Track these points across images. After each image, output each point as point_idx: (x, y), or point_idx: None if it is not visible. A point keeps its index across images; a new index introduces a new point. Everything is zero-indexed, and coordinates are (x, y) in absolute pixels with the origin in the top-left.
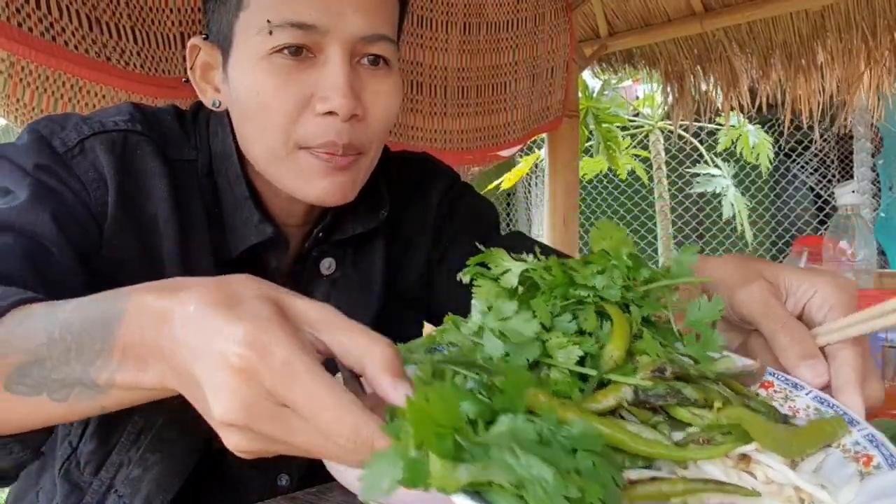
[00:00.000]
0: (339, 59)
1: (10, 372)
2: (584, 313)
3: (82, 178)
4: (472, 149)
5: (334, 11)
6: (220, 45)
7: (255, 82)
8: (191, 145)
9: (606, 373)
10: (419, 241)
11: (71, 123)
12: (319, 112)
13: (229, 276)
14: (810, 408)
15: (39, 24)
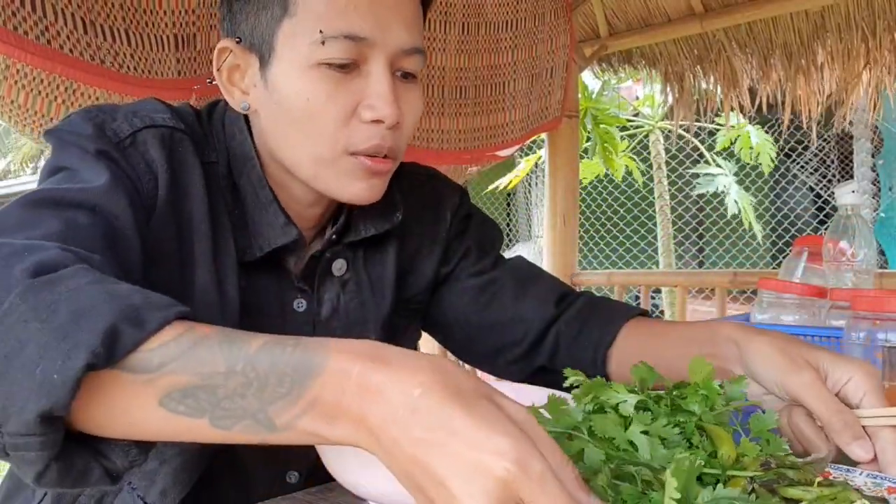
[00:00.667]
0: (383, 70)
1: (170, 390)
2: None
3: (136, 167)
4: (469, 148)
5: (383, 24)
6: (257, 49)
7: (305, 90)
8: (210, 147)
9: (726, 470)
10: (429, 250)
11: (121, 114)
12: (366, 119)
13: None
14: (867, 484)
15: (35, 28)
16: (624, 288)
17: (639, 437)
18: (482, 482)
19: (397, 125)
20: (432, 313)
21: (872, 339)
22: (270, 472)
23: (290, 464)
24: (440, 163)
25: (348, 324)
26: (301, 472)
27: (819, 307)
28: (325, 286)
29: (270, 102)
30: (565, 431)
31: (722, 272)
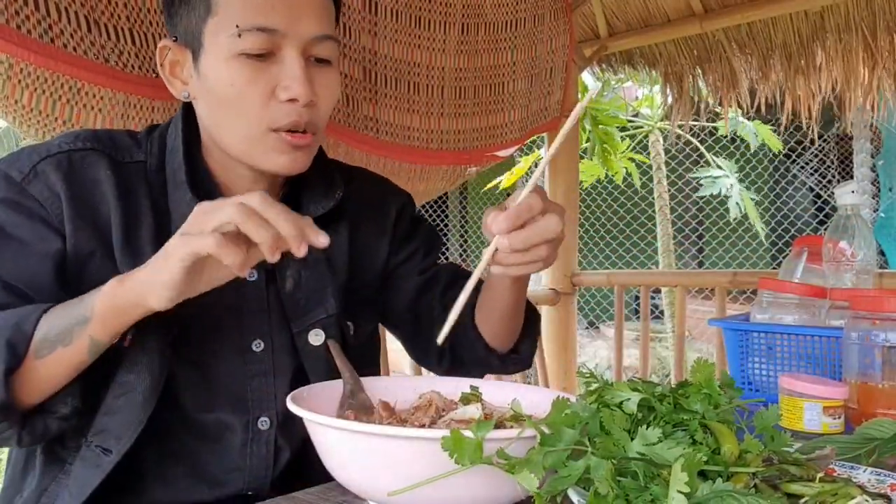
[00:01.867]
0: (296, 56)
1: (36, 345)
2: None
3: (38, 197)
4: (468, 149)
5: (293, 17)
6: (189, 45)
7: (229, 77)
8: (141, 150)
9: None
10: (377, 240)
11: (23, 155)
12: (283, 99)
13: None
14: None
15: (38, 26)
16: (624, 288)
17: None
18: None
19: (311, 103)
20: (385, 304)
21: (872, 338)
22: (241, 421)
23: (258, 411)
24: (440, 163)
25: (309, 293)
26: (271, 418)
27: (819, 307)
28: (284, 264)
29: (203, 90)
30: (568, 448)
31: (722, 272)
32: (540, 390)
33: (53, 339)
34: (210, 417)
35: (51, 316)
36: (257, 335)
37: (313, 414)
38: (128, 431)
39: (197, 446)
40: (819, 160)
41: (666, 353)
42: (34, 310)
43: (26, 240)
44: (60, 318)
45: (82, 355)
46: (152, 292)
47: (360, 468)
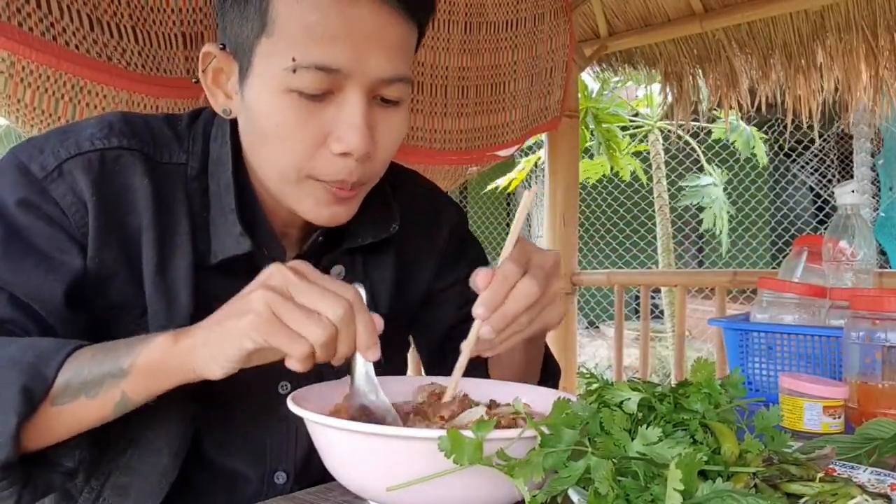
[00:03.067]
0: (358, 100)
1: (56, 393)
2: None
3: (60, 203)
4: (470, 149)
5: (361, 53)
6: (237, 57)
7: (275, 112)
8: (182, 149)
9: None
10: (425, 261)
11: (49, 146)
12: (335, 151)
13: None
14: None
15: (40, 24)
16: (624, 288)
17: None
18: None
19: (367, 156)
20: (418, 326)
21: (872, 338)
22: (257, 472)
23: (276, 463)
24: (441, 163)
25: None
26: (288, 472)
27: (819, 307)
28: None
29: (245, 116)
30: (568, 449)
31: (722, 272)
32: (541, 390)
33: (77, 388)
34: (226, 462)
35: (79, 359)
36: (284, 376)
37: (313, 414)
38: (147, 500)
39: (210, 489)
40: (819, 159)
41: (666, 353)
42: (57, 348)
43: (43, 249)
44: (90, 363)
45: (106, 411)
46: (206, 366)
47: (361, 468)
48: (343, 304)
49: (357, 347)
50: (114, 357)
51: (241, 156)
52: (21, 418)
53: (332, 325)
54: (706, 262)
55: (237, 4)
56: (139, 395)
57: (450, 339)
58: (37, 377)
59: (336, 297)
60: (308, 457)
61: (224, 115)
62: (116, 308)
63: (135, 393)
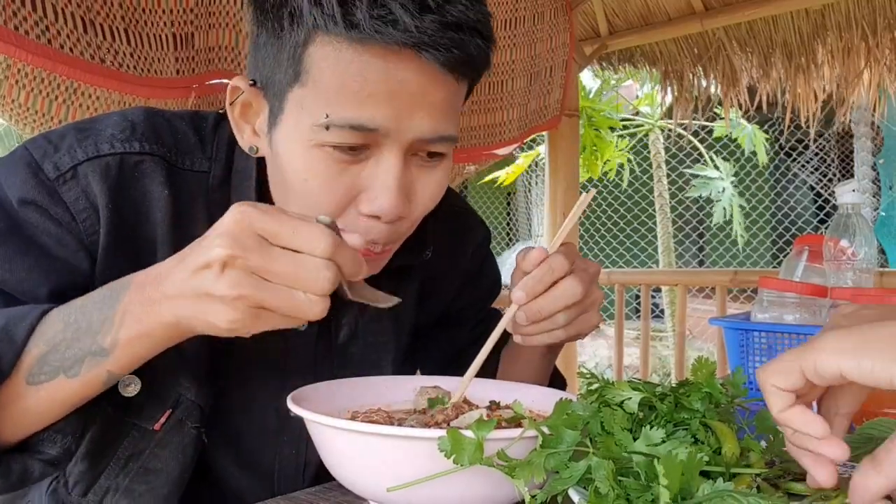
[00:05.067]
0: (395, 161)
1: (31, 367)
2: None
3: (72, 207)
4: (466, 147)
5: (402, 114)
6: (268, 97)
7: (304, 168)
8: (205, 156)
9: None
10: (450, 279)
11: (65, 144)
12: (365, 212)
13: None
14: None
15: (35, 28)
16: (624, 287)
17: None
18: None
19: (399, 218)
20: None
21: None
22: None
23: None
24: None
25: (365, 350)
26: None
27: (819, 306)
28: (343, 310)
29: (273, 162)
30: (570, 449)
31: (722, 271)
32: (541, 390)
33: (55, 365)
34: (234, 484)
35: (52, 324)
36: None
37: (313, 414)
38: None
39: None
40: (820, 159)
41: (666, 353)
42: (28, 311)
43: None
44: (64, 337)
45: (92, 390)
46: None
47: (360, 468)
48: (320, 238)
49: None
50: (89, 330)
51: (264, 170)
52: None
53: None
54: (707, 261)
55: (271, 44)
56: (126, 369)
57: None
58: (5, 340)
59: (312, 234)
60: (318, 477)
61: (251, 153)
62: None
63: (122, 369)
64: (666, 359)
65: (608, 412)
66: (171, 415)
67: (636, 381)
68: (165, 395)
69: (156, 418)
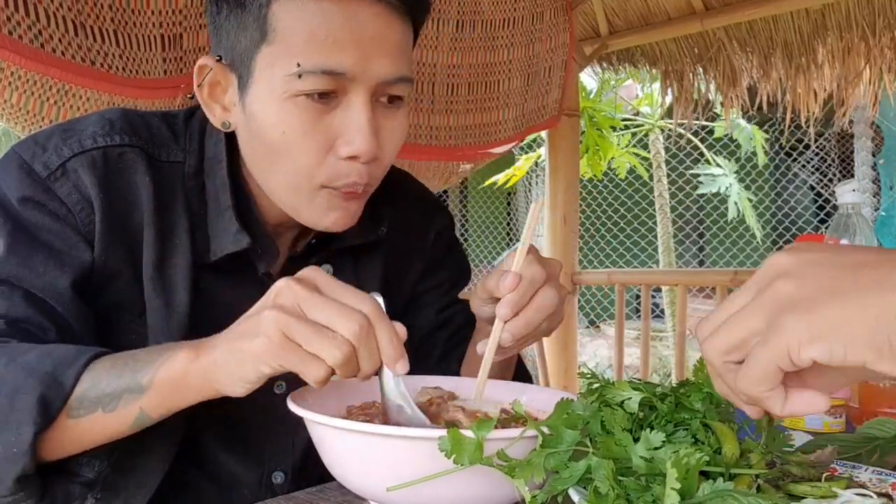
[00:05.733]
0: (364, 103)
1: (73, 403)
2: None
3: (66, 201)
4: (460, 145)
5: (365, 57)
6: (235, 68)
7: (281, 121)
8: (179, 147)
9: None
10: (410, 264)
11: (52, 144)
12: (343, 155)
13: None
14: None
15: (28, 32)
16: (624, 287)
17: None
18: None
19: (375, 158)
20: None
21: None
22: (254, 474)
23: (274, 463)
24: (427, 158)
25: None
26: (286, 471)
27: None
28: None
29: (248, 128)
30: (570, 449)
31: (723, 271)
32: (542, 390)
33: (94, 400)
34: (224, 462)
35: (97, 370)
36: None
37: (313, 413)
38: (136, 496)
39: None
40: (820, 158)
41: (667, 353)
42: (75, 356)
43: (55, 246)
44: (108, 374)
45: (123, 427)
46: (228, 386)
47: (360, 467)
48: (358, 318)
49: (383, 361)
50: (133, 370)
51: (235, 154)
52: (38, 429)
53: (349, 342)
54: (707, 261)
55: (233, 15)
56: (157, 411)
57: (427, 342)
58: (54, 387)
59: (351, 311)
60: (306, 456)
61: (223, 128)
62: (116, 307)
63: (153, 409)
64: (666, 359)
65: (608, 412)
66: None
67: (636, 381)
68: None
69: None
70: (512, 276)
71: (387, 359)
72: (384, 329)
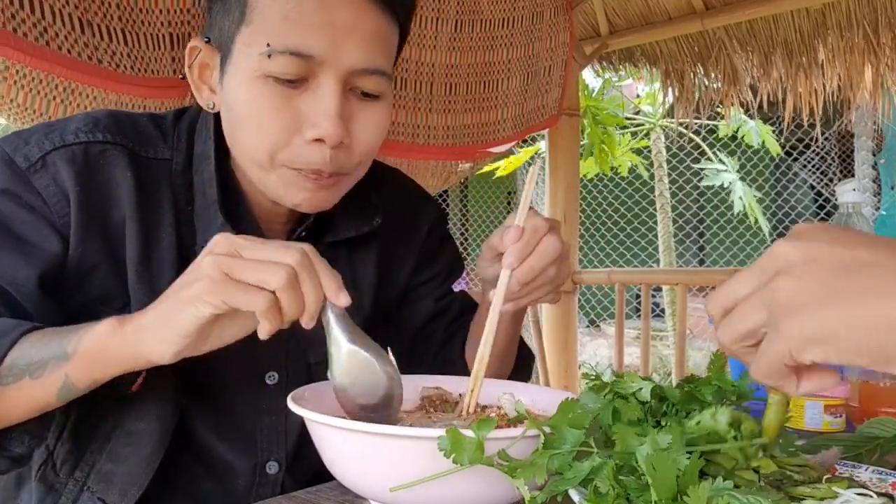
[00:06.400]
0: (332, 88)
1: (2, 371)
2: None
3: (43, 193)
4: (459, 145)
5: (336, 41)
6: (220, 49)
7: (251, 99)
8: (167, 145)
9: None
10: (403, 258)
11: (34, 138)
12: (308, 138)
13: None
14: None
15: (34, 29)
16: (624, 286)
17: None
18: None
19: (343, 144)
20: (396, 319)
21: None
22: (248, 464)
23: (267, 453)
24: (425, 157)
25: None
26: (280, 461)
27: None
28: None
29: (224, 106)
30: (573, 450)
31: (723, 270)
32: (544, 390)
33: (23, 368)
34: (219, 453)
35: (30, 340)
36: (271, 366)
37: (313, 413)
38: (132, 487)
39: (203, 478)
40: (820, 158)
41: (667, 352)
42: (12, 328)
43: (21, 235)
44: (38, 344)
45: (50, 395)
46: (155, 346)
47: (361, 467)
48: (298, 251)
49: (326, 295)
50: (60, 338)
51: (225, 151)
52: None
53: (292, 268)
54: (707, 260)
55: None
56: (82, 381)
57: (426, 331)
58: None
59: (289, 247)
60: (299, 447)
61: (209, 108)
62: (97, 301)
63: (78, 378)
64: (666, 358)
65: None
66: (148, 376)
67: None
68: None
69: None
70: (514, 229)
71: (329, 289)
72: (322, 265)
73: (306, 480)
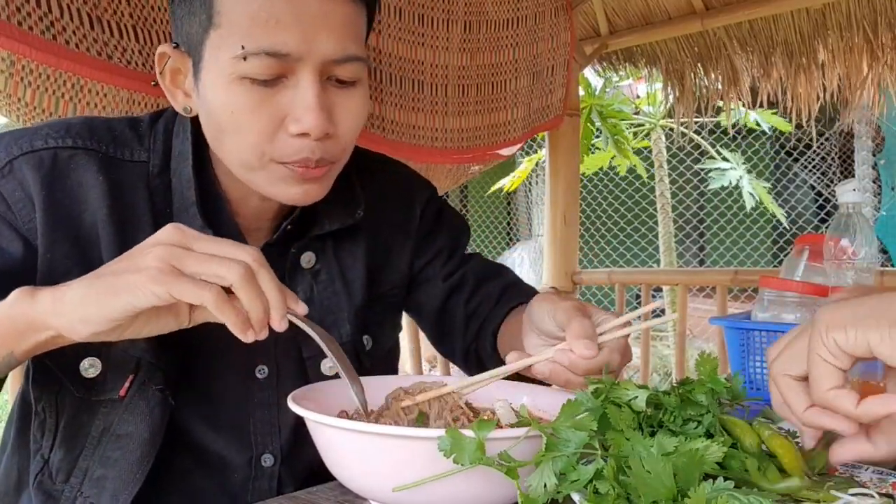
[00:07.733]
0: (310, 81)
1: None
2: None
3: (8, 198)
4: (472, 147)
5: (308, 36)
6: (190, 54)
7: (229, 102)
8: (143, 147)
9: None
10: (401, 246)
11: (2, 144)
12: (293, 133)
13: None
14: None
15: (40, 23)
16: (625, 286)
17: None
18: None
19: (327, 136)
20: (409, 305)
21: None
22: (243, 457)
23: (262, 446)
24: (444, 161)
25: (322, 313)
26: (275, 454)
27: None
28: (295, 280)
29: (203, 111)
30: (577, 452)
31: (723, 270)
32: (544, 390)
33: None
34: (213, 447)
35: None
36: (262, 360)
37: (313, 413)
38: (124, 491)
39: (198, 474)
40: (821, 158)
41: (667, 352)
42: None
43: None
44: None
45: None
46: (72, 324)
47: (361, 467)
48: (252, 249)
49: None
50: None
51: (203, 151)
52: None
53: (246, 264)
54: (707, 260)
55: (185, 3)
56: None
57: (446, 313)
58: None
59: (241, 246)
60: (294, 439)
61: (185, 113)
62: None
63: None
64: (667, 358)
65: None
66: (134, 379)
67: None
68: (125, 364)
69: (121, 386)
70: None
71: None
72: (268, 273)
73: (303, 472)
